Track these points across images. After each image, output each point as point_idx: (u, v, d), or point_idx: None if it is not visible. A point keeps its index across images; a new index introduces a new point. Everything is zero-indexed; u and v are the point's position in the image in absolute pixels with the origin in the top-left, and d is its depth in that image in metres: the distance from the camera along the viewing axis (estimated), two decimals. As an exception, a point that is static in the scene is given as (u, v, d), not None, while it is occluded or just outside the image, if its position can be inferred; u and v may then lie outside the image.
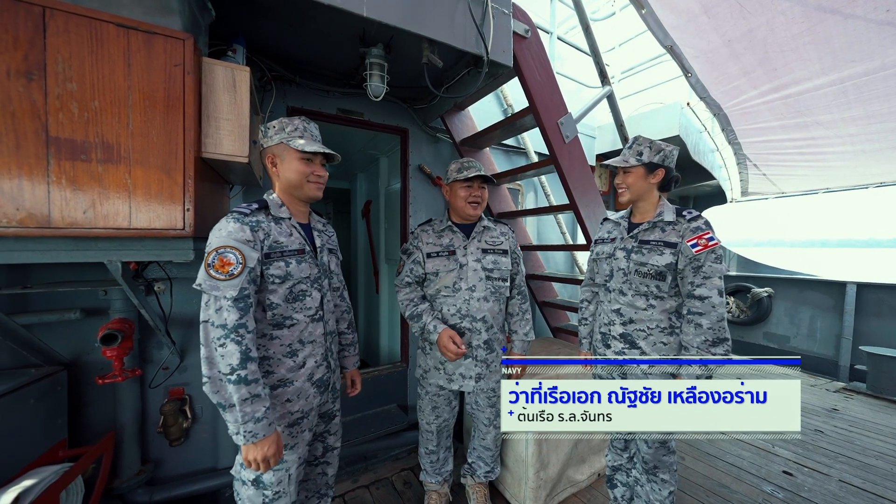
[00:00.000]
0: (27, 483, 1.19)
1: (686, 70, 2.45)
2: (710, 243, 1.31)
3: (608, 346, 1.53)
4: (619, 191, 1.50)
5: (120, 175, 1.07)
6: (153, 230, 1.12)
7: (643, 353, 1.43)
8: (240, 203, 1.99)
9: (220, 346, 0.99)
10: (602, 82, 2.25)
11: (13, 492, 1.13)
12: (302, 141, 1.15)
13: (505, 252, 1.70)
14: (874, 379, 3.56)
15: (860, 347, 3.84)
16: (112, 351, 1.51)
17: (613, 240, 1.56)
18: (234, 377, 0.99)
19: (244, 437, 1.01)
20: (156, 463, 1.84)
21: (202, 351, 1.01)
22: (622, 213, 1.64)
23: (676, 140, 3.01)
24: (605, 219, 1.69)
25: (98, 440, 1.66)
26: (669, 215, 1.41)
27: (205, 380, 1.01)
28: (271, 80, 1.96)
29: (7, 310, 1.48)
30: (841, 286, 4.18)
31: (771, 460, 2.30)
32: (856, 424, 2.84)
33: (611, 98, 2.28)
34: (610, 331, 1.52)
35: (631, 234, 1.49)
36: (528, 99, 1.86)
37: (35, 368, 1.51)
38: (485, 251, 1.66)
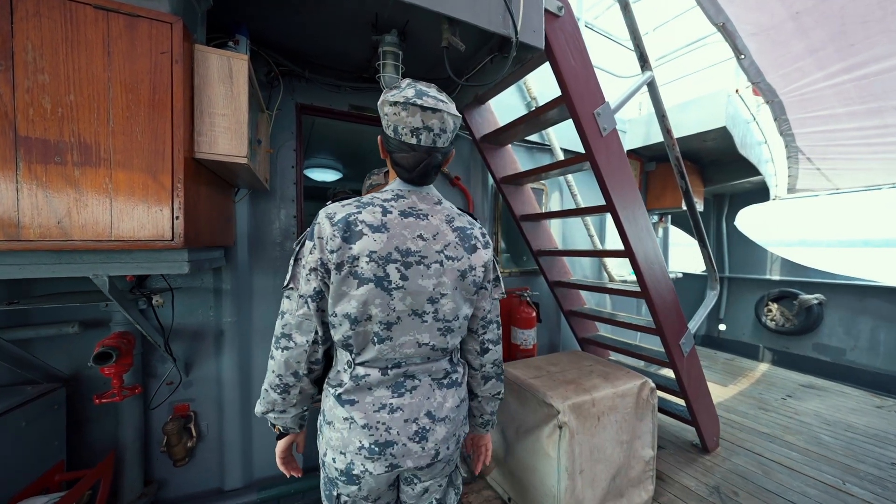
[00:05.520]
0: (10, 519, 1.08)
1: (738, 51, 2.15)
2: None
3: None
4: None
5: (99, 179, 0.94)
6: (137, 241, 0.98)
7: None
8: (245, 209, 1.88)
9: None
10: (642, 67, 2.00)
11: (-7, 530, 1.03)
12: None
13: None
14: (953, 400, 3.11)
15: (933, 363, 3.39)
16: (109, 369, 1.41)
17: None
18: None
19: None
20: (159, 484, 1.73)
21: None
22: None
23: (723, 132, 2.70)
24: None
25: (100, 458, 1.57)
26: None
27: None
28: (278, 74, 1.83)
29: (1, 324, 1.40)
30: (907, 293, 3.71)
31: (843, 500, 1.99)
32: (938, 455, 2.46)
33: (651, 85, 2.03)
34: None
35: None
36: (560, 87, 1.64)
37: (32, 386, 1.42)
38: None
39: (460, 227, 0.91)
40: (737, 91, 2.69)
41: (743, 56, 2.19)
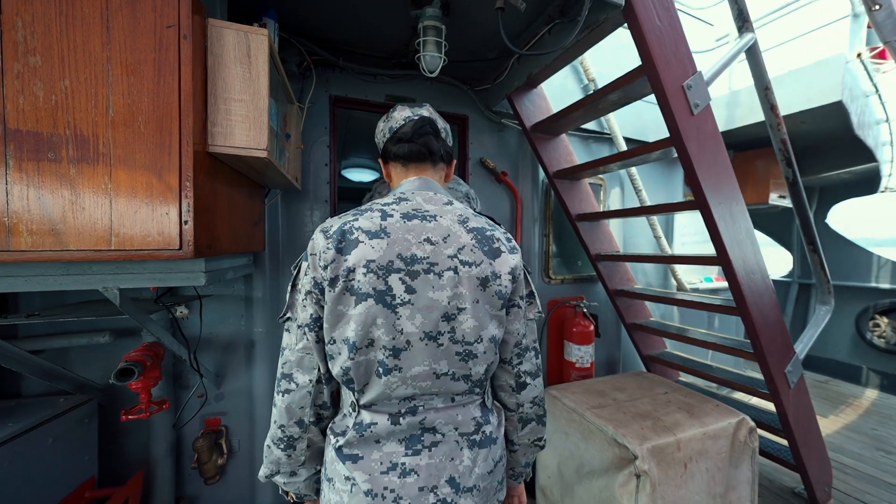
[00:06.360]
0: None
1: (873, 1, 1.66)
2: None
3: None
4: None
5: (97, 178, 0.80)
6: (140, 251, 0.83)
7: None
8: (277, 211, 1.75)
9: None
10: (740, 29, 1.61)
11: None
12: None
13: None
14: None
15: None
16: (136, 384, 1.32)
17: None
18: None
19: None
20: (190, 500, 1.65)
21: None
22: None
23: (837, 107, 2.16)
24: None
25: (134, 473, 1.51)
26: None
27: None
28: (311, 64, 1.68)
29: (34, 333, 1.37)
30: None
31: None
32: None
33: (752, 49, 1.63)
34: None
35: None
36: (641, 54, 1.32)
37: (64, 397, 1.38)
38: None
39: (477, 228, 0.73)
40: (858, 56, 2.14)
41: (878, 7, 1.69)
